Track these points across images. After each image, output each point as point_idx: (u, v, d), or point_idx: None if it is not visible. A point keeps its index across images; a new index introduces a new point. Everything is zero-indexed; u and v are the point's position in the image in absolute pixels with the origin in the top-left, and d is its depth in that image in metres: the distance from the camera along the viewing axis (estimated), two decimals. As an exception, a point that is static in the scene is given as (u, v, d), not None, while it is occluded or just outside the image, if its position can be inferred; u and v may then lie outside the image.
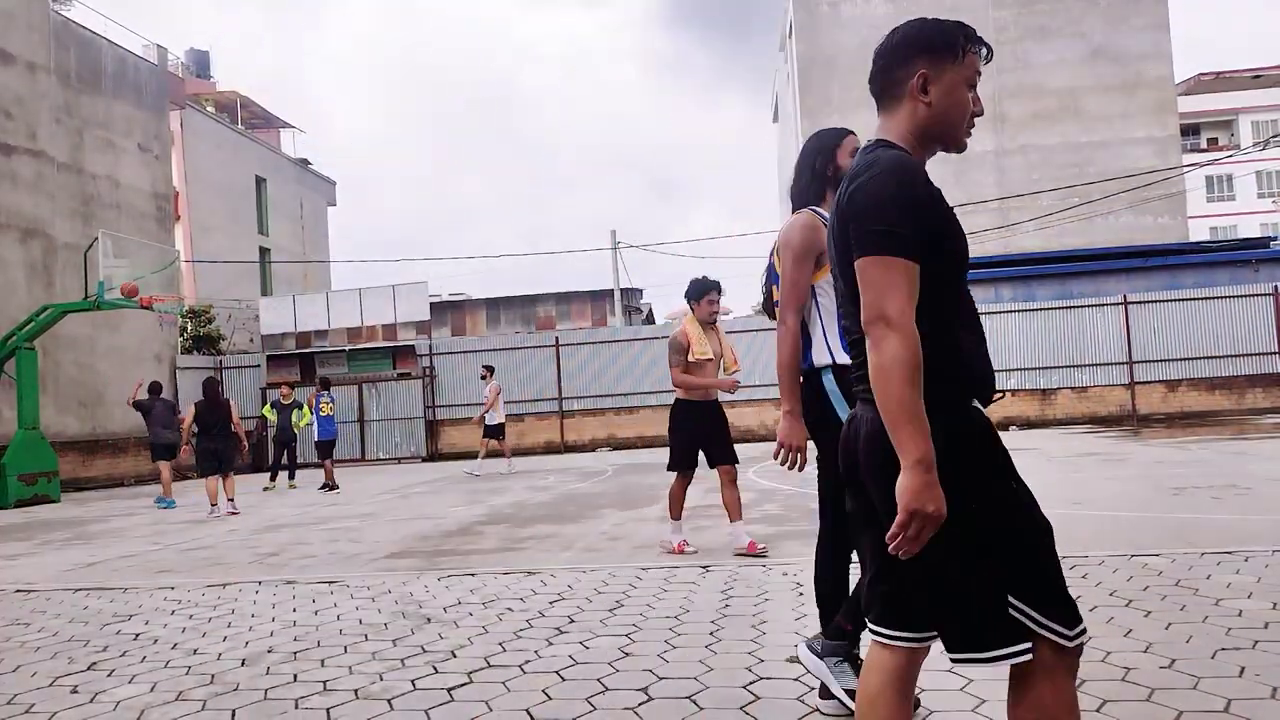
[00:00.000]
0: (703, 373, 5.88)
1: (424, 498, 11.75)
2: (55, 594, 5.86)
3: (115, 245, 16.31)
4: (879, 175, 1.71)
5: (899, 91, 1.86)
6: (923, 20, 1.89)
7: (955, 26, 1.85)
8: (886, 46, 1.92)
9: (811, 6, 27.19)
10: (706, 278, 5.95)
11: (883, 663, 1.86)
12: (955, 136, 1.87)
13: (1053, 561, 1.75)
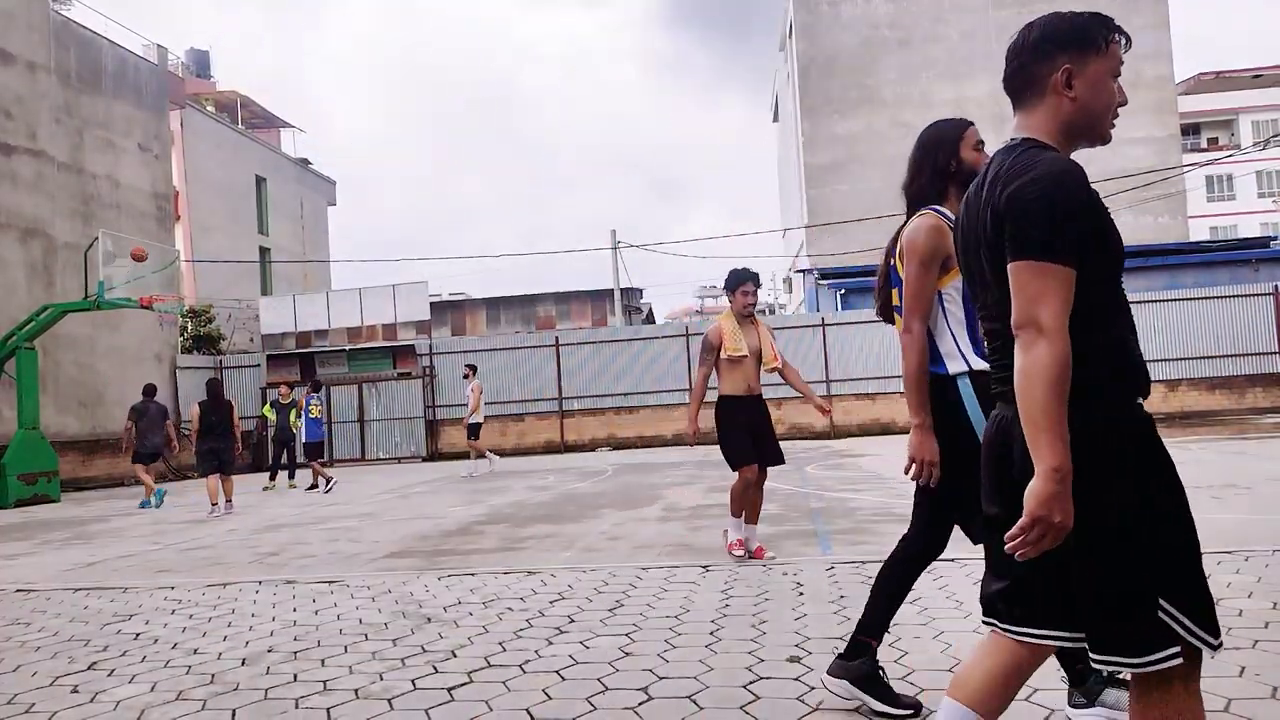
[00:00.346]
0: (739, 370, 5.59)
1: (424, 497, 11.75)
2: (55, 594, 5.86)
3: (115, 245, 16.31)
4: (1041, 180, 1.69)
5: (1040, 88, 1.84)
6: (1059, 14, 1.87)
7: (1095, 18, 1.84)
8: (1023, 44, 1.88)
9: (812, 6, 27.18)
10: (746, 269, 5.66)
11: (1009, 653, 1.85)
12: (1101, 130, 1.85)
13: (1201, 565, 1.71)
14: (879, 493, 9.14)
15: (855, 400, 20.62)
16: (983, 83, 26.48)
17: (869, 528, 6.83)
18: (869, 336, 20.65)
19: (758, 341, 5.69)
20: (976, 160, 2.86)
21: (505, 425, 21.72)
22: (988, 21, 26.59)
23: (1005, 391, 1.80)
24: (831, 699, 2.97)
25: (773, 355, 5.73)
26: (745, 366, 5.61)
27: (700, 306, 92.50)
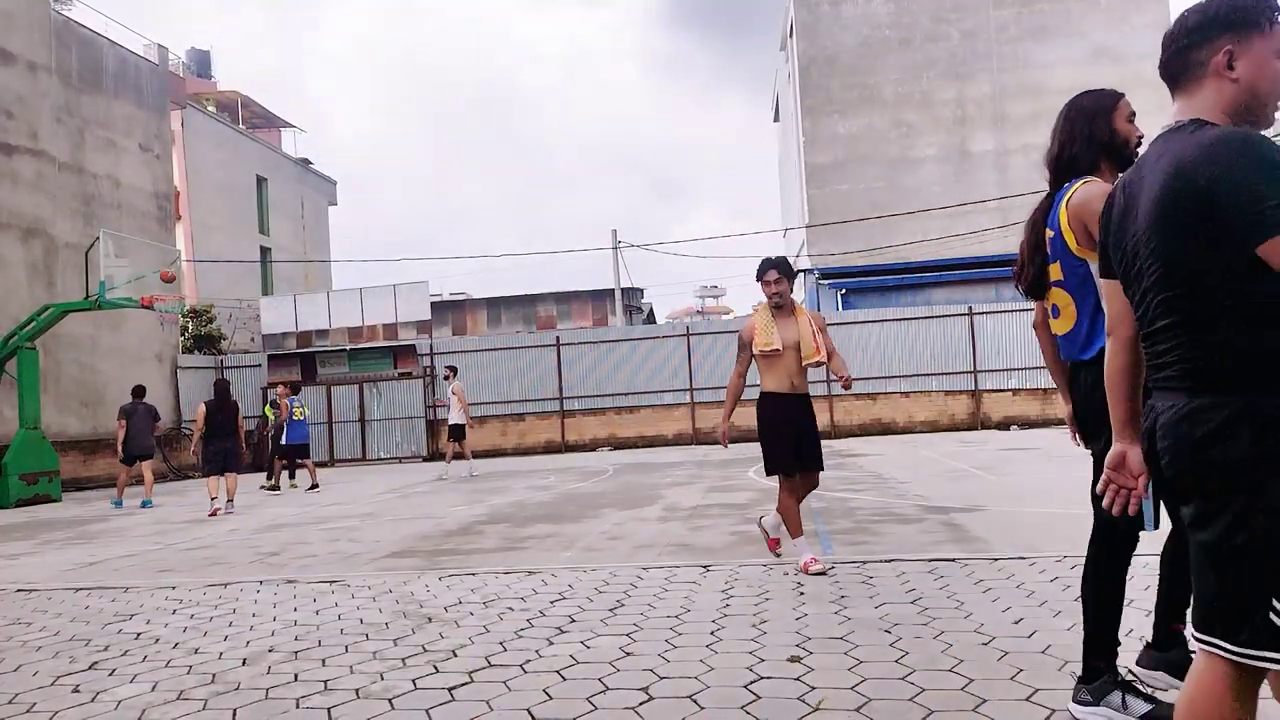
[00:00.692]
0: (778, 366, 5.18)
1: (424, 497, 11.75)
2: (56, 593, 5.87)
3: (116, 245, 16.31)
4: (1247, 147, 1.62)
5: (1200, 72, 1.81)
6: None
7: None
8: (1183, 28, 1.84)
9: (812, 6, 27.16)
10: (769, 257, 5.28)
11: (1217, 673, 1.70)
12: (1266, 111, 1.82)
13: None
14: (879, 493, 9.14)
15: (855, 400, 20.61)
16: (984, 83, 26.47)
17: (869, 528, 6.83)
18: (870, 336, 20.64)
19: (797, 334, 5.21)
20: (1130, 133, 2.76)
21: (506, 425, 21.72)
22: (988, 21, 26.55)
23: (1167, 379, 1.76)
24: (832, 699, 2.97)
25: (814, 348, 5.19)
26: (784, 361, 5.19)
27: (700, 306, 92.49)
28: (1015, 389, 20.19)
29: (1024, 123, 26.22)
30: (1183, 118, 1.81)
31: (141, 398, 12.99)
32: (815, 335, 5.22)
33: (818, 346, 5.20)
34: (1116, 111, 2.78)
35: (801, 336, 5.21)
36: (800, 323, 5.25)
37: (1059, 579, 4.54)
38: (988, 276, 23.17)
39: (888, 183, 26.51)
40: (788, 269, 5.25)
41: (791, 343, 5.19)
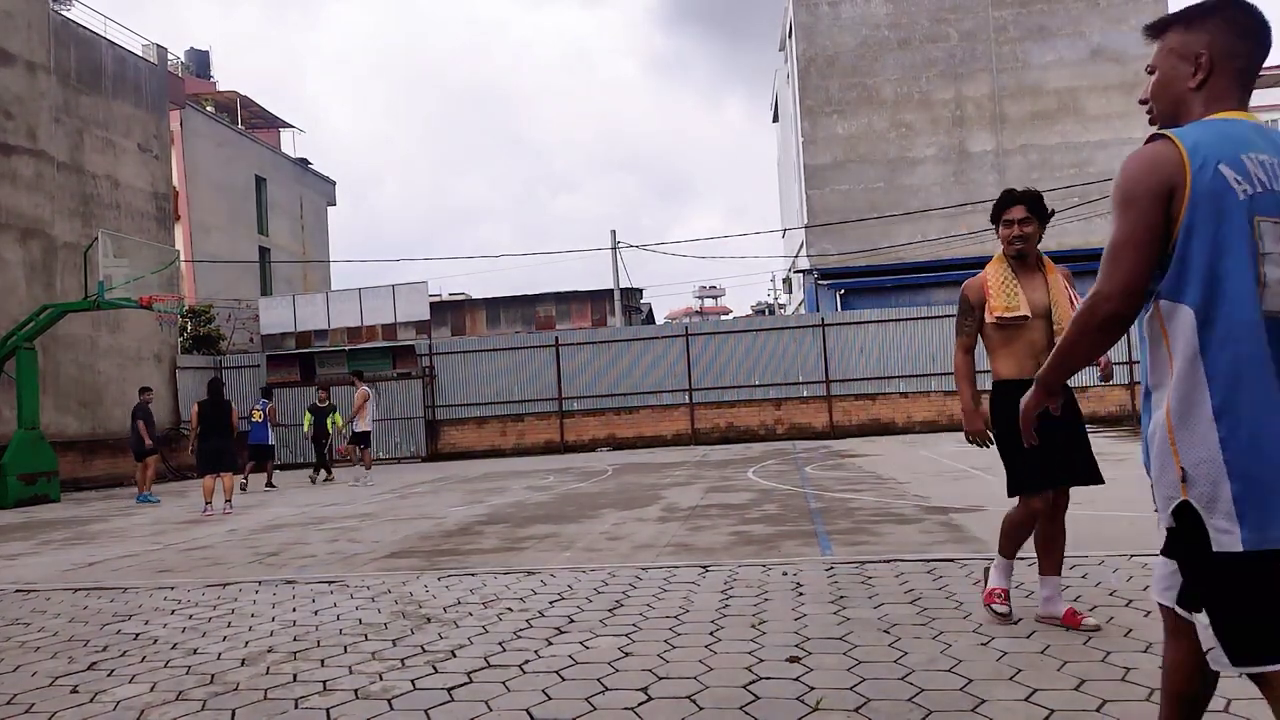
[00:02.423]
0: (1020, 341, 3.79)
1: (423, 497, 11.75)
2: (55, 594, 5.86)
3: (115, 245, 16.31)
4: None
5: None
6: None
7: None
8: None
9: (812, 6, 27.17)
10: (1013, 188, 3.98)
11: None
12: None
13: None
14: (878, 493, 9.14)
15: (855, 400, 20.62)
16: (982, 83, 26.48)
17: (868, 528, 6.83)
18: (869, 336, 20.64)
19: (1047, 297, 3.80)
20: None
21: (505, 425, 21.73)
22: (987, 22, 26.56)
23: None
24: (832, 699, 2.97)
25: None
26: (1030, 335, 3.77)
27: (700, 306, 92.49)
28: (1014, 389, 20.19)
29: (1023, 123, 26.24)
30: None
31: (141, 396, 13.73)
32: (1073, 300, 3.82)
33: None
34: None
35: (1055, 301, 3.80)
36: (1052, 282, 3.84)
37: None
38: (987, 277, 23.14)
39: (887, 183, 26.51)
40: (1039, 206, 3.85)
41: (1041, 309, 3.78)
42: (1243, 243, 1.72)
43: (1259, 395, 1.70)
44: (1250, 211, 1.72)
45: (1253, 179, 1.74)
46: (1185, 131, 1.81)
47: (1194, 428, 1.74)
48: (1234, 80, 1.87)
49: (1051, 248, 23.76)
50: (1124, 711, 2.73)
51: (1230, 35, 1.86)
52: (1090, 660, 3.22)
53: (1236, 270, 1.72)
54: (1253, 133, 1.80)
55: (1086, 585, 4.40)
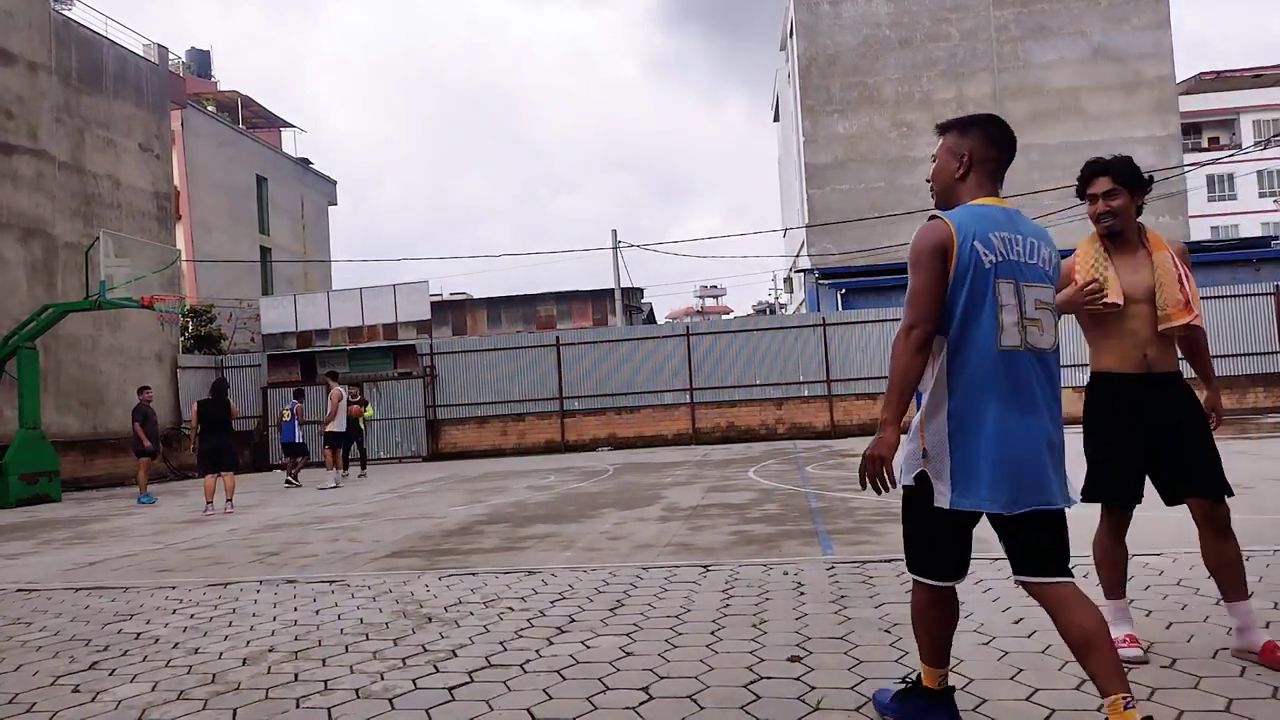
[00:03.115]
0: (1121, 329, 3.28)
1: (424, 497, 11.75)
2: (56, 593, 5.87)
3: (116, 244, 16.31)
4: None
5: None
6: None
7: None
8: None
9: (812, 6, 27.17)
10: (1099, 158, 3.43)
11: None
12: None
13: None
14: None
15: (856, 400, 20.61)
16: (984, 83, 26.47)
17: (869, 528, 6.83)
18: (869, 336, 20.64)
19: (1151, 278, 3.27)
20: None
21: (506, 425, 21.73)
22: (988, 21, 26.56)
23: None
24: (833, 698, 2.97)
25: (1180, 304, 3.21)
26: (1130, 322, 3.27)
27: (701, 306, 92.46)
28: (1015, 389, 20.19)
29: (1024, 123, 26.21)
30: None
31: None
32: (1183, 280, 3.25)
33: (1186, 299, 3.22)
34: None
35: (1160, 283, 3.24)
36: (1158, 260, 3.29)
37: (1059, 579, 4.54)
38: (988, 276, 23.12)
39: (887, 183, 26.51)
40: (1131, 175, 3.33)
41: (1141, 292, 3.26)
42: (987, 297, 2.42)
43: (981, 406, 2.42)
44: (994, 275, 2.42)
45: (996, 251, 2.44)
46: (954, 213, 2.50)
47: (935, 421, 2.49)
48: (989, 176, 2.59)
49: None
50: (1124, 711, 2.72)
51: (986, 143, 2.58)
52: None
53: (982, 317, 2.42)
54: (1001, 215, 2.51)
55: (1088, 585, 4.40)
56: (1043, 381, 2.48)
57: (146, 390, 14.15)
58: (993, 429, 2.40)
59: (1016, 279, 2.44)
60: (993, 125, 2.60)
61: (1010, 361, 2.43)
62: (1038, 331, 2.48)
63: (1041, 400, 2.47)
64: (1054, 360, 2.54)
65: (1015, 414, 2.42)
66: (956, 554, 2.55)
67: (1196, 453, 3.21)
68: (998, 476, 2.39)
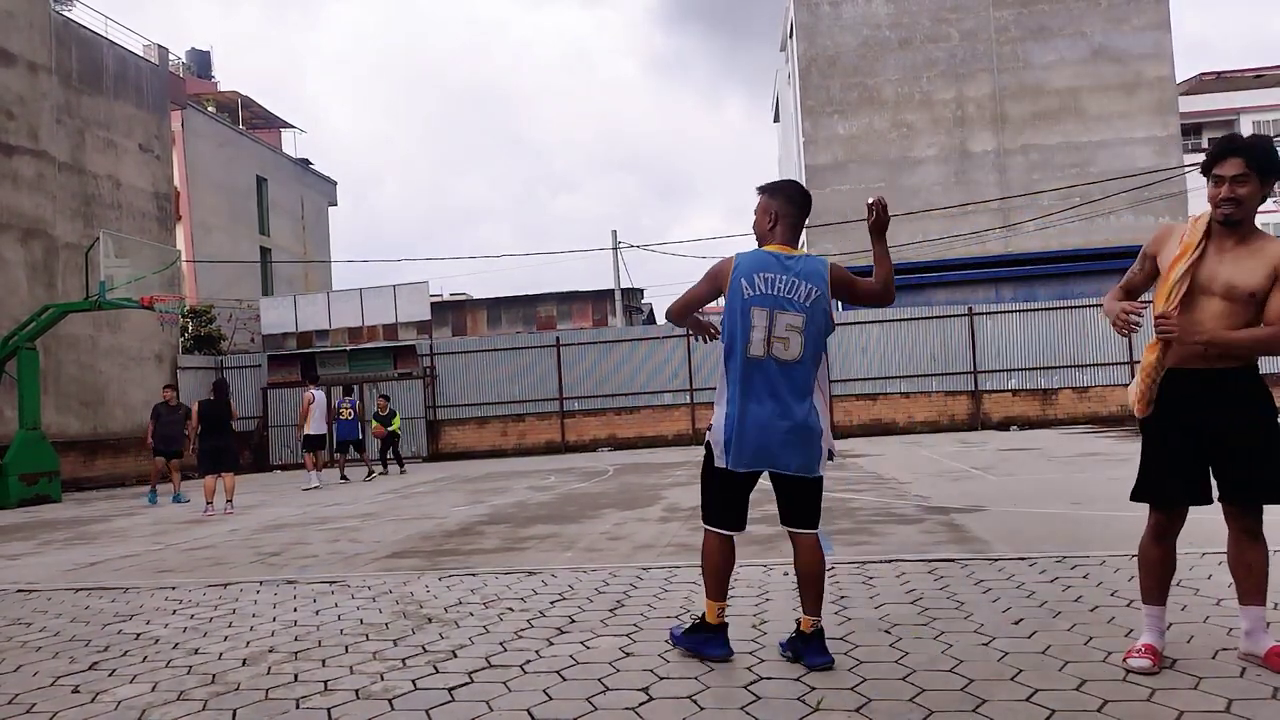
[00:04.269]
0: (1188, 319, 2.96)
1: (425, 497, 11.75)
2: (56, 594, 5.87)
3: (116, 245, 16.31)
4: None
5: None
6: None
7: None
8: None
9: (812, 6, 27.17)
10: (1235, 135, 3.10)
11: None
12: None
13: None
14: (879, 493, 9.14)
15: (856, 400, 20.61)
16: (983, 83, 26.47)
17: (869, 528, 6.83)
18: (870, 337, 20.64)
19: (1253, 278, 2.93)
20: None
21: (506, 425, 21.74)
22: (988, 22, 26.55)
23: None
24: (832, 699, 2.97)
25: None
26: (1201, 313, 2.98)
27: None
28: (1015, 389, 20.19)
29: (1024, 123, 26.23)
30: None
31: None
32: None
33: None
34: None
35: (1245, 283, 2.93)
36: (1254, 263, 2.95)
37: (1059, 579, 4.54)
38: (988, 277, 23.18)
39: (888, 183, 26.50)
40: (1269, 161, 2.95)
41: (1221, 286, 2.97)
42: (744, 318, 3.34)
43: (741, 397, 3.36)
44: (751, 304, 3.33)
45: (756, 288, 3.33)
46: (742, 255, 3.43)
47: (720, 406, 3.46)
48: (788, 229, 3.47)
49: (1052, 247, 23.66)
50: (1124, 711, 2.73)
51: (787, 203, 3.48)
52: (1091, 660, 3.22)
53: (740, 333, 3.35)
54: (774, 260, 3.37)
55: (1087, 585, 4.40)
56: (786, 383, 3.33)
57: (166, 389, 13.87)
58: (742, 414, 3.34)
59: (771, 309, 3.30)
60: (793, 188, 3.51)
61: (759, 367, 3.32)
62: (783, 347, 3.31)
63: (786, 396, 3.32)
64: (798, 368, 3.34)
65: (758, 404, 3.32)
66: (736, 509, 3.53)
67: (1247, 453, 2.99)
68: (742, 447, 3.36)
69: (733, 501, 3.51)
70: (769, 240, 3.46)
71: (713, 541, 3.56)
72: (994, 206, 25.82)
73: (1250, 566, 3.09)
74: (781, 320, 3.29)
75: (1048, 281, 22.19)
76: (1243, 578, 3.11)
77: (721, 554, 3.54)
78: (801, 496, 3.47)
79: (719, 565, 3.54)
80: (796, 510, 3.50)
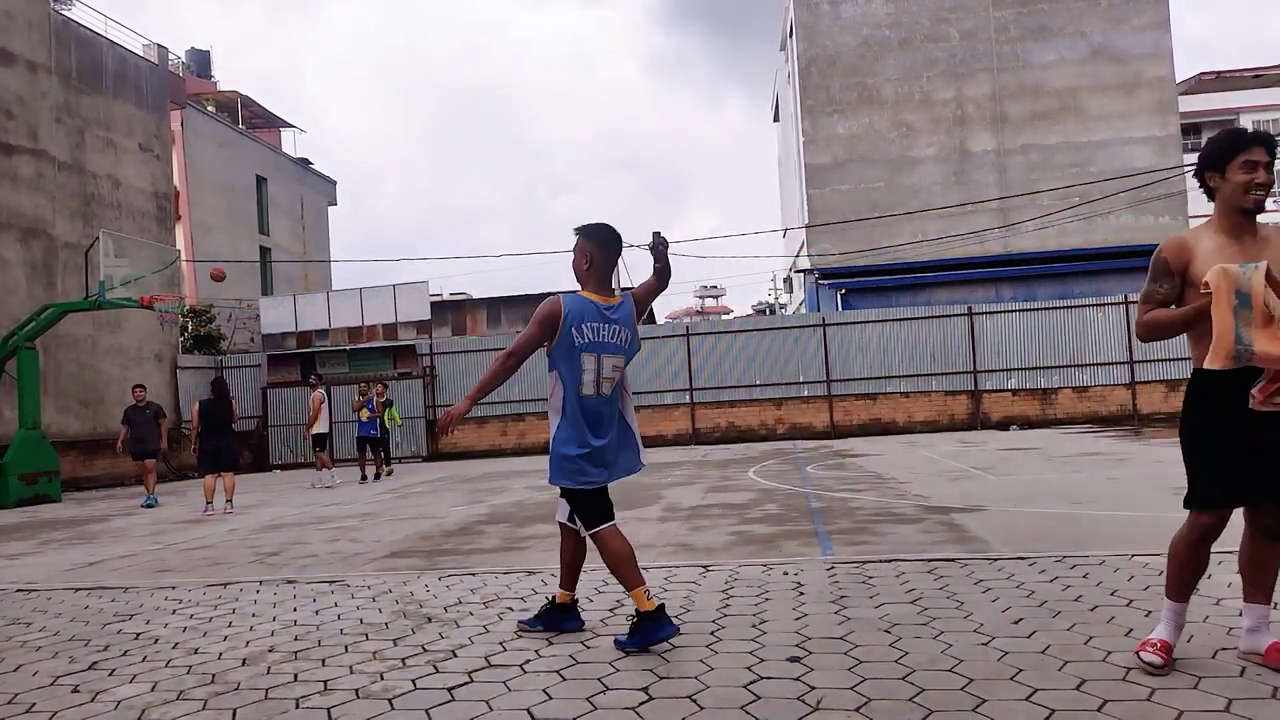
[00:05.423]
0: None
1: (424, 497, 11.75)
2: (56, 593, 5.86)
3: (116, 245, 16.31)
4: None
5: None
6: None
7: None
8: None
9: (812, 6, 27.17)
10: (1242, 128, 3.08)
11: None
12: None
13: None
14: (879, 493, 9.14)
15: (855, 400, 20.61)
16: (983, 83, 26.47)
17: (869, 528, 6.83)
18: (869, 337, 20.64)
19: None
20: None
21: (506, 425, 21.74)
22: (988, 21, 26.55)
23: None
24: (832, 698, 2.97)
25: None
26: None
27: (701, 306, 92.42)
28: (1015, 389, 20.19)
29: (1023, 123, 26.23)
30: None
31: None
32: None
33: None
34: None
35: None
36: (1276, 239, 2.97)
37: (1059, 579, 4.55)
38: (987, 276, 23.17)
39: (887, 183, 26.51)
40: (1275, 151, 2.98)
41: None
42: (576, 361, 3.79)
43: (571, 430, 3.82)
44: (581, 351, 3.77)
45: (585, 336, 3.78)
46: (570, 299, 3.80)
47: (554, 427, 3.89)
48: (602, 274, 3.90)
49: (1052, 247, 23.65)
50: (1124, 711, 2.73)
51: (598, 247, 3.88)
52: (1090, 660, 3.22)
53: (570, 372, 3.79)
54: (594, 309, 3.83)
55: (1087, 585, 4.40)
56: (609, 410, 3.90)
57: (135, 389, 13.40)
58: (577, 445, 3.80)
59: (598, 353, 3.79)
60: (605, 231, 3.90)
61: (589, 402, 3.81)
62: (608, 385, 3.85)
63: (606, 423, 3.88)
64: (616, 397, 3.93)
65: (593, 435, 3.82)
66: (600, 510, 3.89)
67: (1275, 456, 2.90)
68: (583, 470, 3.80)
69: (603, 506, 3.90)
70: (583, 281, 3.90)
71: (570, 541, 4.09)
72: (993, 206, 25.83)
73: (1263, 566, 3.07)
74: (608, 362, 3.85)
75: (1047, 281, 22.19)
76: (1253, 576, 3.10)
77: (576, 553, 4.08)
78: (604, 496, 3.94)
79: (578, 562, 4.11)
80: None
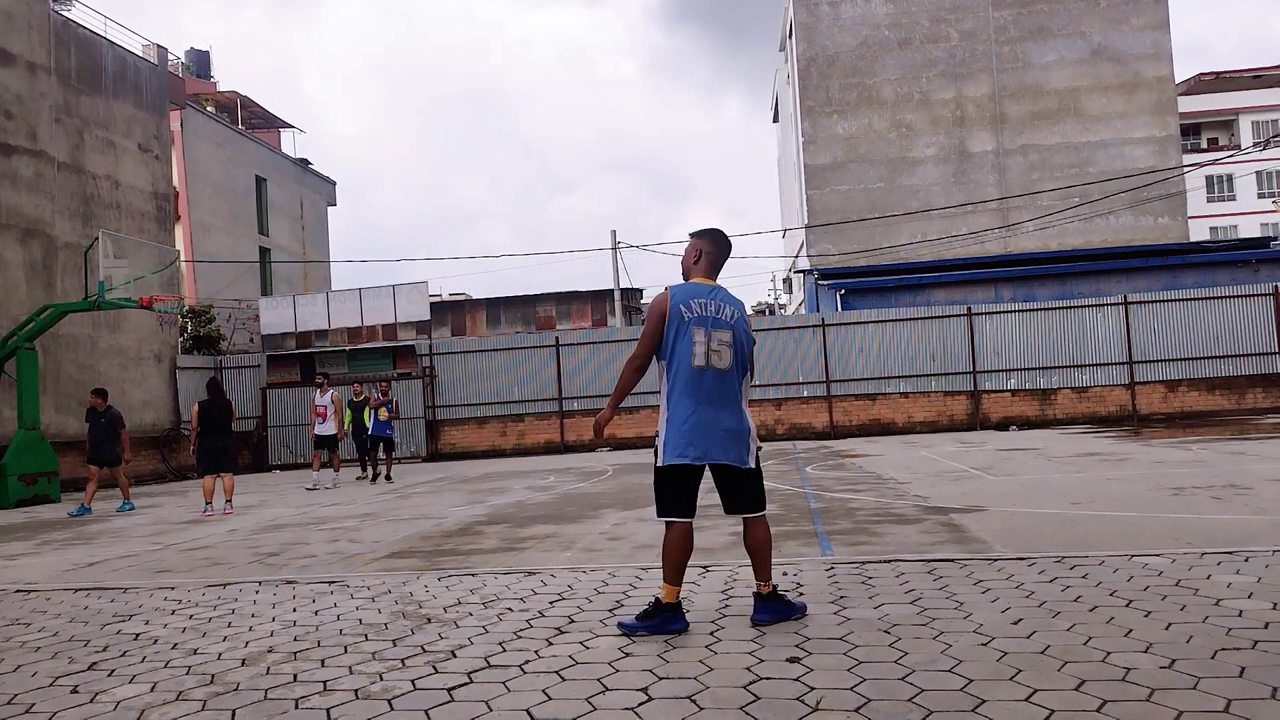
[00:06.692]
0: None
1: (424, 497, 11.75)
2: (55, 594, 5.86)
3: (115, 245, 16.30)
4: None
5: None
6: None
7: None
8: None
9: (812, 6, 27.17)
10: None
11: None
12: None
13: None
14: (878, 493, 9.14)
15: (855, 401, 20.61)
16: (983, 83, 26.48)
17: (868, 528, 6.83)
18: (869, 337, 20.64)
19: None
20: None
21: (505, 425, 21.74)
22: (988, 22, 26.56)
23: None
24: (832, 699, 2.97)
25: None
26: None
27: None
28: (1014, 389, 20.20)
29: (1023, 123, 26.24)
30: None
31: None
32: None
33: None
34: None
35: None
36: None
37: (1058, 579, 4.55)
38: (987, 277, 23.16)
39: (887, 183, 26.51)
40: None
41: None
42: (686, 336, 3.94)
43: (683, 402, 3.93)
44: (690, 325, 3.94)
45: (693, 310, 3.95)
46: (676, 287, 4.08)
47: (661, 412, 4.03)
48: (710, 264, 4.16)
49: (1051, 247, 23.68)
50: (1124, 711, 2.72)
51: (709, 242, 4.17)
52: (1090, 660, 3.22)
53: (683, 348, 3.93)
54: (705, 289, 4.04)
55: (1087, 585, 4.40)
56: (722, 388, 3.95)
57: (93, 395, 12.77)
58: (687, 415, 3.91)
59: (706, 326, 3.94)
60: (717, 233, 4.22)
61: (700, 374, 3.91)
62: (718, 358, 3.94)
63: (720, 400, 3.94)
64: (732, 376, 3.97)
65: (703, 406, 3.91)
66: (686, 499, 4.02)
67: None
68: (692, 442, 3.89)
69: (684, 492, 4.02)
70: (692, 274, 4.17)
71: (675, 531, 4.05)
72: (993, 206, 25.83)
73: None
74: (715, 336, 3.96)
75: (1047, 281, 22.20)
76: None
77: (684, 541, 4.06)
78: (745, 484, 4.09)
79: (681, 554, 4.03)
80: (740, 496, 4.13)
